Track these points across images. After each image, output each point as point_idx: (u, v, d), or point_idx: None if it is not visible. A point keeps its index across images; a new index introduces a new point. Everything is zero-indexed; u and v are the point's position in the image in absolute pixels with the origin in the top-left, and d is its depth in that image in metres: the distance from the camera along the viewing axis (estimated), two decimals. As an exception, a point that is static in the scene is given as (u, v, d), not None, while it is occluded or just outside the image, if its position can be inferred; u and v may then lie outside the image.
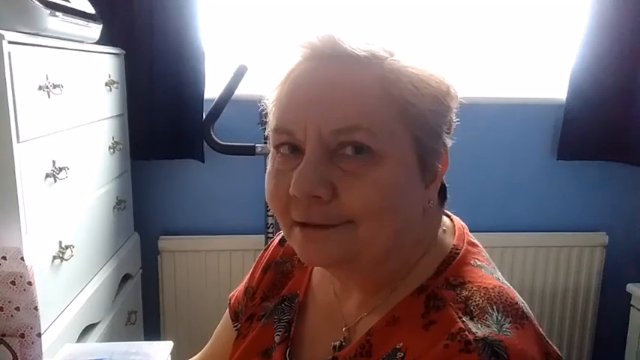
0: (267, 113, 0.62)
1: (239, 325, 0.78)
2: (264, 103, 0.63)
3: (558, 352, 0.57)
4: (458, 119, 0.62)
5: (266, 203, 1.93)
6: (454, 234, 0.65)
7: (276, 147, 0.59)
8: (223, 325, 0.84)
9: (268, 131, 0.61)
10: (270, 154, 0.61)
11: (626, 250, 2.18)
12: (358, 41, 0.56)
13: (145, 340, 1.87)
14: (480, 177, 2.07)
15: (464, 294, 0.56)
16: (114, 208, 1.66)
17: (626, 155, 2.02)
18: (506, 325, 0.53)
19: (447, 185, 0.66)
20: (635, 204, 2.18)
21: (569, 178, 2.13)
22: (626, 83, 1.96)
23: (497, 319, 0.54)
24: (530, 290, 2.13)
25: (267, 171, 0.61)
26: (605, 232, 2.14)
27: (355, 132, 0.54)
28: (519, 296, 0.59)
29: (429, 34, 0.57)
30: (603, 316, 2.19)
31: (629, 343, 2.03)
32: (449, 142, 0.62)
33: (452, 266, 0.60)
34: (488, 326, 0.53)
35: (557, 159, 2.07)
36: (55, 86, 1.18)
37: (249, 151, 1.90)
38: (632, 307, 2.01)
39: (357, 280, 0.64)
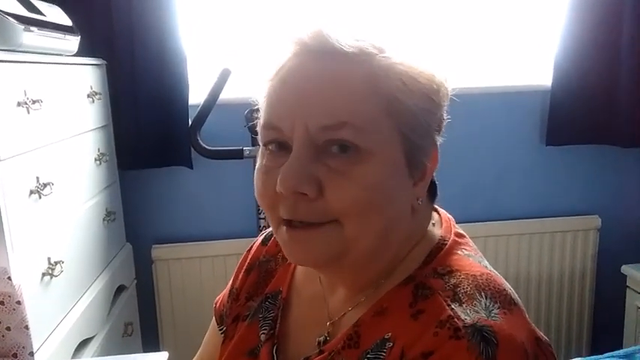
0: (257, 109, 0.62)
1: (225, 328, 0.78)
2: (254, 99, 0.62)
3: (547, 338, 0.57)
4: (448, 116, 0.62)
5: (257, 205, 1.93)
6: (441, 226, 0.65)
7: (265, 144, 0.59)
8: (211, 331, 0.84)
9: (258, 127, 0.61)
10: (259, 151, 0.61)
11: (619, 232, 2.18)
12: (347, 37, 0.56)
13: (144, 351, 1.87)
14: (470, 167, 2.07)
15: (452, 282, 0.57)
16: (103, 219, 1.65)
17: (614, 137, 2.03)
18: (495, 311, 0.54)
19: (437, 183, 0.66)
20: (625, 185, 2.19)
21: (559, 163, 2.14)
22: (609, 66, 1.97)
23: (485, 305, 0.54)
24: (526, 277, 2.13)
25: (256, 168, 0.61)
26: (597, 216, 2.15)
27: (342, 129, 0.54)
28: (507, 283, 0.59)
29: (412, 23, 0.57)
30: (600, 299, 2.20)
31: (627, 323, 2.04)
32: (439, 140, 0.61)
33: (439, 256, 0.61)
34: (477, 312, 0.53)
35: (546, 145, 2.07)
36: (34, 101, 1.17)
37: (237, 154, 1.89)
38: (627, 289, 2.02)
39: (345, 277, 0.64)
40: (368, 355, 0.57)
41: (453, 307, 0.54)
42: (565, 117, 2.01)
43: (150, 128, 1.86)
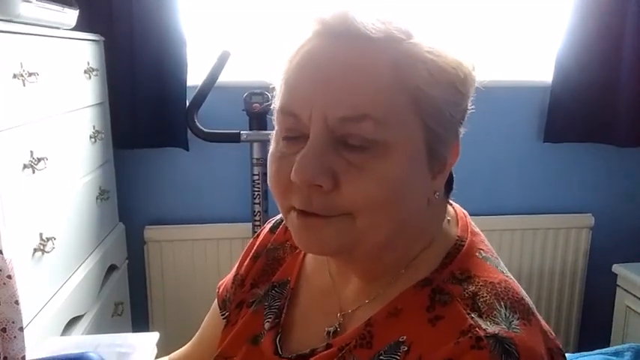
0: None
1: (227, 314, 0.76)
2: (271, 76, 0.59)
3: (560, 345, 0.57)
4: (472, 106, 0.60)
5: (253, 191, 1.92)
6: (457, 224, 0.64)
7: (280, 129, 0.57)
8: (211, 315, 0.83)
9: (274, 108, 0.58)
10: (273, 133, 0.59)
11: (611, 231, 2.19)
12: (373, 20, 0.53)
13: (133, 331, 1.86)
14: (467, 160, 2.03)
15: (471, 289, 0.55)
16: (97, 198, 1.63)
17: (612, 137, 2.03)
18: (515, 322, 0.53)
19: (454, 175, 0.64)
20: (620, 185, 2.19)
21: (556, 160, 2.14)
22: (611, 65, 1.96)
23: (505, 315, 0.53)
24: (518, 272, 2.14)
25: (270, 152, 0.59)
26: (591, 214, 2.16)
27: (363, 121, 0.52)
28: (523, 290, 0.58)
29: (413, 15, 0.56)
30: (590, 297, 2.21)
31: (615, 322, 2.06)
32: (461, 132, 0.60)
33: (457, 259, 0.59)
34: (497, 324, 0.52)
35: (544, 141, 2.07)
36: (30, 74, 1.15)
37: (234, 138, 1.87)
38: (617, 288, 2.03)
39: (356, 268, 0.63)
40: (381, 357, 0.56)
41: (472, 316, 0.52)
42: (564, 114, 2.01)
43: (146, 108, 1.84)
